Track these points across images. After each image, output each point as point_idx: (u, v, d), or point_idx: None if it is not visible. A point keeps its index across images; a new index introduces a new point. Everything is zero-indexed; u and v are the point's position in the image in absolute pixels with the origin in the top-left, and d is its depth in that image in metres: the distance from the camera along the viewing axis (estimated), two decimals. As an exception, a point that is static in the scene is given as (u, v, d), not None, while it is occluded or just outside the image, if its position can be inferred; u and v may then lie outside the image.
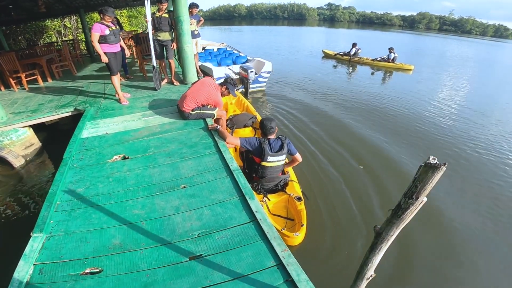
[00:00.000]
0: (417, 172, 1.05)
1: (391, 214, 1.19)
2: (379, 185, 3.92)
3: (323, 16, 72.01)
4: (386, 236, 1.24)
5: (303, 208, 2.89)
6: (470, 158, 4.81)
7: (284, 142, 2.93)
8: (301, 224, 2.73)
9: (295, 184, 3.23)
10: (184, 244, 1.93)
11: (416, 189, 1.05)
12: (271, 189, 3.09)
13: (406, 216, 1.14)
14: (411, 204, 1.09)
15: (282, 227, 2.75)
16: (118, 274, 1.73)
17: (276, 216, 2.92)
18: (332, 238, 3.04)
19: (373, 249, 1.34)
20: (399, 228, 1.20)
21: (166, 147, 3.23)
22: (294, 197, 2.98)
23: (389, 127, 5.93)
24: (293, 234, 2.63)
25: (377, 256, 1.37)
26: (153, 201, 2.36)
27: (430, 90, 9.17)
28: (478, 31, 51.94)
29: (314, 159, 4.47)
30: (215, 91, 3.82)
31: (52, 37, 13.05)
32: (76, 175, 2.79)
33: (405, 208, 1.11)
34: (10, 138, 4.29)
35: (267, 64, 7.83)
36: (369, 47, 18.13)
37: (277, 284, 1.64)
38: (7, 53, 5.83)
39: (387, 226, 1.22)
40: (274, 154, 2.88)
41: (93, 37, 4.09)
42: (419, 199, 1.08)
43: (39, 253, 1.90)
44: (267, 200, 2.97)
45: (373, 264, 1.43)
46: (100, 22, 4.11)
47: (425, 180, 1.02)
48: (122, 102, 4.68)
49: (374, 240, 1.33)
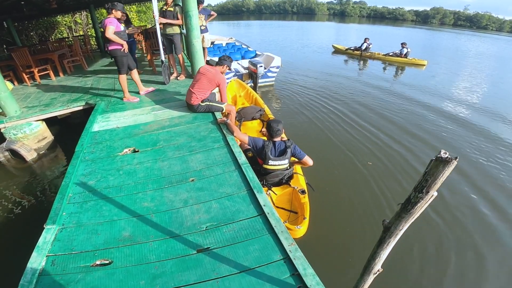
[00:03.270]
0: (428, 166, 1.03)
1: (400, 208, 1.17)
2: (386, 179, 3.90)
3: (333, 10, 70.87)
4: (394, 230, 1.22)
5: (307, 201, 2.89)
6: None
7: (289, 147, 2.88)
8: (303, 217, 2.73)
9: (300, 176, 3.23)
10: (192, 236, 1.95)
11: (427, 183, 1.03)
12: (275, 183, 3.08)
13: (415, 211, 1.12)
14: (421, 198, 1.07)
15: (285, 219, 2.77)
16: (128, 266, 1.76)
17: (279, 209, 2.93)
18: (338, 232, 3.04)
19: (381, 243, 1.32)
20: (408, 222, 1.17)
21: (175, 140, 3.26)
22: (298, 190, 2.98)
23: (400, 123, 5.82)
24: (295, 227, 2.63)
25: (385, 250, 1.35)
26: (162, 194, 2.38)
27: (445, 85, 8.95)
28: (494, 26, 50.31)
29: (321, 153, 4.45)
30: (213, 71, 3.77)
31: (63, 33, 13.22)
32: (88, 167, 2.83)
33: (415, 202, 1.09)
34: (23, 132, 4.39)
35: (276, 59, 7.77)
36: (380, 42, 17.75)
37: (284, 277, 1.65)
38: (20, 48, 5.95)
39: (396, 221, 1.20)
40: (275, 159, 2.86)
41: (109, 31, 3.89)
42: (429, 193, 1.06)
43: (52, 245, 1.95)
44: (271, 192, 2.97)
45: (380, 258, 1.41)
46: (113, 17, 4.01)
47: (436, 174, 1.00)
48: (132, 100, 4.57)
49: (382, 234, 1.31)
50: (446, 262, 2.74)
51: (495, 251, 2.90)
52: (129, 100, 4.59)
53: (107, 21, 3.91)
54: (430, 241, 2.98)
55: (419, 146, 4.86)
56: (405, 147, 4.81)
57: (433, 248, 2.90)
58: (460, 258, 2.80)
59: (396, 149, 4.73)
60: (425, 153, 4.60)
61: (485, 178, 4.08)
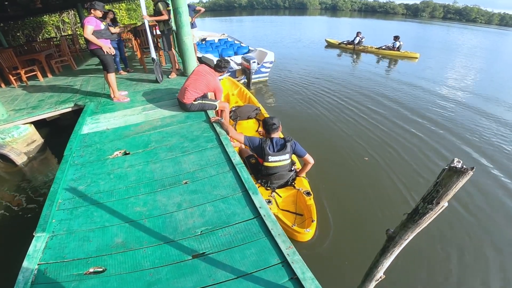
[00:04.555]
0: (439, 176, 0.97)
1: (406, 218, 1.12)
2: (387, 180, 3.81)
3: (325, 5, 70.59)
4: (399, 240, 1.17)
5: (313, 203, 2.82)
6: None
7: (288, 141, 2.81)
8: (312, 220, 2.67)
9: (303, 179, 3.16)
10: (187, 242, 1.89)
11: (437, 194, 0.98)
12: (280, 185, 3.02)
13: (423, 221, 1.07)
14: (430, 209, 1.02)
15: (292, 223, 2.68)
16: (122, 273, 1.70)
17: (285, 211, 2.87)
18: (339, 235, 2.93)
19: (384, 252, 1.28)
20: (414, 232, 1.13)
21: (167, 141, 3.18)
22: (303, 191, 2.91)
23: (400, 117, 5.79)
24: (304, 230, 2.57)
25: (388, 259, 1.31)
26: (155, 197, 2.32)
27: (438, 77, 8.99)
28: (483, 19, 50.77)
29: (319, 152, 4.38)
30: (212, 76, 3.74)
31: (51, 33, 12.91)
32: (77, 172, 2.75)
33: (423, 213, 1.04)
34: (11, 135, 4.26)
35: (270, 54, 7.69)
36: (372, 36, 17.73)
37: (282, 282, 1.61)
38: (5, 49, 5.76)
39: (401, 230, 1.15)
40: (275, 154, 2.78)
41: (87, 30, 3.79)
42: (440, 205, 1.00)
43: (43, 253, 1.88)
44: (276, 195, 2.90)
45: (383, 266, 1.37)
46: (93, 16, 3.91)
47: (448, 185, 0.94)
48: (123, 100, 4.47)
49: (386, 243, 1.26)
50: (452, 265, 2.65)
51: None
52: (119, 100, 4.47)
53: (85, 20, 3.82)
54: (438, 243, 2.85)
55: (422, 143, 4.81)
56: (403, 145, 4.74)
57: (440, 251, 2.80)
58: (469, 264, 2.68)
59: (395, 146, 4.66)
60: (431, 151, 4.56)
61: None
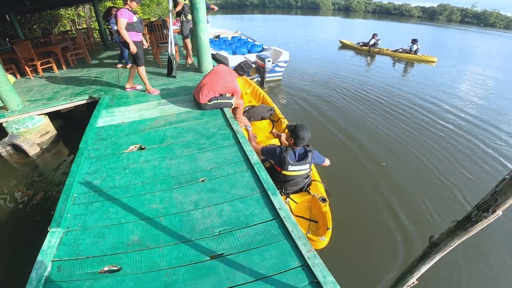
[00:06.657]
0: (498, 185, 0.93)
1: (455, 225, 1.06)
2: (403, 186, 3.73)
3: (338, 5, 69.90)
4: (444, 247, 1.10)
5: (328, 210, 2.69)
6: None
7: (309, 151, 2.67)
8: (327, 228, 2.54)
9: (319, 184, 3.02)
10: (205, 242, 1.83)
11: (495, 202, 0.93)
12: (295, 191, 2.91)
13: (474, 229, 1.01)
14: (484, 218, 0.97)
15: (307, 230, 2.58)
16: (137, 273, 1.65)
17: (299, 218, 2.76)
18: (358, 241, 2.86)
19: (425, 258, 1.21)
20: (461, 240, 1.06)
21: (183, 137, 3.12)
22: (319, 198, 2.78)
23: (415, 125, 5.63)
24: (319, 239, 2.45)
25: (426, 265, 1.23)
26: (171, 195, 2.26)
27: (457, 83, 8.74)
28: (502, 24, 49.54)
29: (336, 155, 4.28)
30: (231, 78, 3.67)
31: (67, 26, 13.07)
32: (92, 165, 2.71)
33: (476, 221, 0.99)
34: (26, 126, 4.28)
35: (284, 54, 7.60)
36: (387, 38, 17.45)
37: (302, 285, 1.55)
38: (22, 41, 5.81)
39: (448, 237, 1.08)
40: (295, 163, 2.64)
41: (121, 24, 3.71)
42: (496, 213, 0.96)
43: (57, 249, 1.83)
44: (290, 200, 2.80)
45: (419, 272, 1.30)
46: (127, 8, 3.82)
47: (508, 194, 0.90)
48: (153, 93, 4.46)
49: (427, 249, 1.19)
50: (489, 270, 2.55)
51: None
52: (149, 92, 4.48)
53: (118, 12, 3.74)
54: (473, 251, 2.75)
55: (438, 149, 4.69)
56: (427, 149, 4.62)
57: (473, 260, 2.68)
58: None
59: (416, 150, 4.56)
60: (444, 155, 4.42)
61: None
